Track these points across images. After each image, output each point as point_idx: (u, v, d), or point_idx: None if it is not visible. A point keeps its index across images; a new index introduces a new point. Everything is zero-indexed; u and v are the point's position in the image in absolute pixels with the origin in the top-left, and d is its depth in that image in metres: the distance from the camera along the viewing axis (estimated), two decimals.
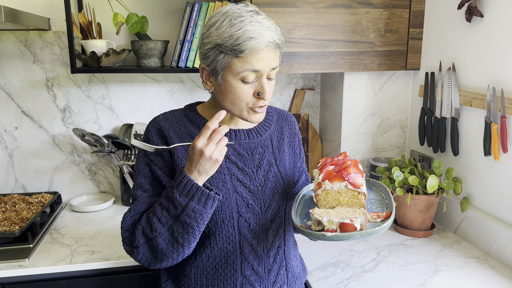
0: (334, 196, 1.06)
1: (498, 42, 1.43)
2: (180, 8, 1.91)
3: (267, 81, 1.04)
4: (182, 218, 1.00)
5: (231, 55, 1.00)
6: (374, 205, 1.14)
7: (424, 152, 1.84)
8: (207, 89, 1.10)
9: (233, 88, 1.03)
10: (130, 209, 1.09)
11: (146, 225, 1.03)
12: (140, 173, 1.11)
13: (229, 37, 0.99)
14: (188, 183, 0.99)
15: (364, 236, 0.96)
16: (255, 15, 1.01)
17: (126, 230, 1.08)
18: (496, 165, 1.47)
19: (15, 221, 1.57)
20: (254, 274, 1.12)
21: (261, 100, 1.04)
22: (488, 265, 1.42)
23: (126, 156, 1.89)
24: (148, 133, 1.12)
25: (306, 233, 1.00)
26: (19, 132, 1.89)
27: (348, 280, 1.33)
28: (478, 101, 1.50)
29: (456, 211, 1.63)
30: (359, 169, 1.09)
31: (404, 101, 1.93)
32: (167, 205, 1.01)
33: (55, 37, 1.83)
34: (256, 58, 1.00)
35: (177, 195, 0.99)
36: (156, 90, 1.97)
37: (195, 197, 0.99)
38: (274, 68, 1.05)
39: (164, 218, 1.01)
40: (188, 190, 0.99)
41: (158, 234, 1.01)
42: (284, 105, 2.11)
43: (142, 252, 1.04)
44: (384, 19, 1.76)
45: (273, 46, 1.02)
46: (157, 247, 1.02)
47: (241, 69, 1.00)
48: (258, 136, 1.17)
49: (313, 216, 1.01)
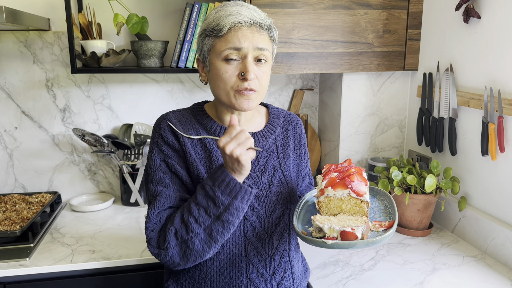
0: (337, 203, 1.05)
1: (495, 43, 1.44)
2: (180, 8, 1.92)
3: (253, 62, 1.04)
4: (224, 217, 0.99)
5: (213, 36, 1.04)
6: (377, 214, 1.12)
7: (422, 152, 1.85)
8: (202, 80, 1.13)
9: (217, 70, 1.05)
10: (153, 206, 1.05)
11: (180, 226, 1.00)
12: (157, 169, 1.09)
13: (212, 20, 1.04)
14: (231, 182, 0.98)
15: (365, 245, 0.94)
16: (240, 1, 1.06)
17: (152, 231, 1.04)
18: (493, 165, 1.48)
19: (15, 220, 1.58)
20: (259, 276, 1.12)
21: (245, 81, 1.03)
22: (485, 264, 1.43)
23: (126, 156, 1.90)
24: (161, 129, 1.11)
25: (306, 240, 0.99)
26: (19, 132, 1.89)
27: (347, 278, 1.34)
28: (475, 101, 1.52)
29: (454, 210, 1.64)
30: (363, 177, 1.08)
31: (402, 101, 1.94)
32: (206, 204, 0.99)
33: (55, 37, 1.84)
34: (237, 36, 1.02)
35: (219, 194, 0.98)
36: (155, 90, 1.98)
37: (239, 195, 0.98)
38: (259, 48, 1.04)
39: (202, 218, 0.99)
40: (231, 189, 0.98)
41: (195, 235, 0.99)
42: (283, 105, 2.12)
43: (171, 254, 1.01)
44: (383, 20, 1.77)
45: (253, 24, 1.03)
46: (191, 248, 1.00)
47: (223, 47, 1.03)
48: (263, 140, 1.17)
49: (314, 222, 1.00)
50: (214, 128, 1.13)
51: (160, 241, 1.02)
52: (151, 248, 1.03)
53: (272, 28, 1.08)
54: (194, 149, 1.11)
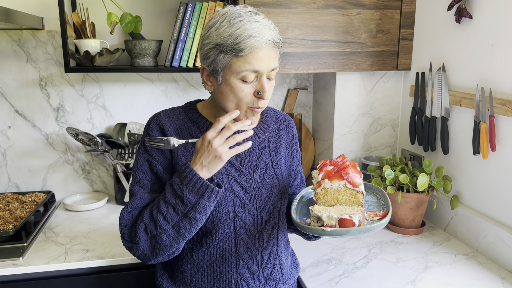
0: (333, 194, 1.09)
1: (487, 43, 1.46)
2: (174, 8, 1.92)
3: (267, 80, 1.05)
4: (192, 215, 1.01)
5: (231, 54, 1.00)
6: (372, 206, 1.17)
7: (415, 151, 1.87)
8: (207, 89, 1.10)
9: (233, 88, 1.04)
10: (127, 205, 1.10)
11: (149, 223, 1.03)
12: (139, 168, 1.12)
13: (229, 36, 1.00)
14: (198, 181, 1.00)
15: (362, 232, 0.98)
16: (254, 15, 1.02)
17: (125, 226, 1.09)
18: (484, 164, 1.50)
19: (8, 220, 1.57)
20: (249, 271, 1.15)
21: (261, 99, 1.05)
22: (477, 262, 1.44)
23: (120, 155, 1.90)
24: (150, 129, 1.13)
25: (306, 229, 1.02)
26: (12, 131, 1.89)
27: (340, 276, 1.35)
28: (467, 100, 1.53)
29: (446, 208, 1.66)
30: (358, 170, 1.12)
31: (395, 100, 1.95)
32: (174, 202, 1.01)
33: (48, 36, 1.83)
34: (256, 57, 1.00)
35: (187, 193, 1.00)
36: (149, 89, 1.98)
37: (205, 194, 1.00)
38: (273, 69, 1.05)
39: (170, 215, 1.01)
40: (198, 188, 1.00)
41: (163, 231, 1.02)
42: (277, 104, 2.13)
43: (142, 248, 1.05)
44: (376, 20, 1.78)
45: (272, 44, 1.02)
46: (160, 243, 1.03)
47: (241, 68, 1.01)
48: (256, 137, 1.18)
49: (312, 212, 1.03)
50: (207, 126, 1.14)
51: (132, 236, 1.07)
52: (125, 242, 1.09)
53: (282, 43, 1.07)
54: (185, 149, 1.12)
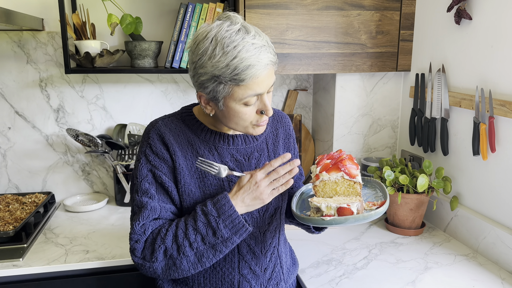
0: (332, 186, 1.11)
1: (486, 44, 1.46)
2: (174, 9, 1.92)
3: (267, 95, 1.05)
4: (219, 248, 1.02)
5: (232, 84, 0.98)
6: (370, 198, 1.19)
7: (415, 152, 1.87)
8: (208, 113, 1.08)
9: (236, 112, 1.03)
10: (138, 218, 1.05)
11: (171, 246, 1.02)
12: (143, 179, 1.08)
13: (226, 67, 0.96)
14: (237, 219, 1.02)
15: (361, 219, 1.00)
16: (246, 36, 0.97)
17: (136, 241, 1.05)
18: (484, 165, 1.50)
19: (9, 221, 1.57)
20: (251, 272, 1.15)
21: (264, 115, 1.06)
22: (477, 262, 1.44)
23: (120, 156, 1.90)
24: (150, 138, 1.10)
25: (306, 220, 1.04)
26: (12, 132, 1.89)
27: (340, 277, 1.35)
28: (467, 101, 1.53)
29: (446, 209, 1.66)
30: (354, 162, 1.14)
31: (395, 101, 1.96)
32: (205, 232, 1.01)
33: (48, 37, 1.83)
34: (257, 82, 0.99)
35: (222, 227, 1.01)
36: (150, 90, 1.98)
37: (239, 232, 1.02)
38: (272, 84, 1.05)
39: (196, 243, 1.01)
40: (234, 225, 1.02)
41: (185, 256, 1.02)
42: (277, 105, 2.13)
43: (156, 267, 1.03)
44: (375, 21, 1.78)
45: (271, 65, 1.01)
46: (178, 267, 1.02)
47: (244, 96, 1.00)
48: (254, 140, 1.18)
49: (312, 203, 1.05)
50: (205, 133, 1.13)
51: (146, 253, 1.03)
52: (135, 258, 1.05)
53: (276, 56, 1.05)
54: (185, 157, 1.10)
